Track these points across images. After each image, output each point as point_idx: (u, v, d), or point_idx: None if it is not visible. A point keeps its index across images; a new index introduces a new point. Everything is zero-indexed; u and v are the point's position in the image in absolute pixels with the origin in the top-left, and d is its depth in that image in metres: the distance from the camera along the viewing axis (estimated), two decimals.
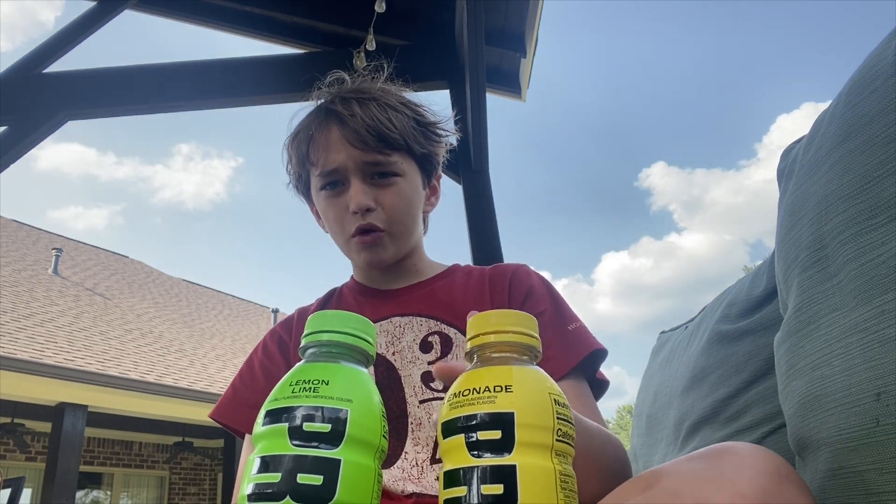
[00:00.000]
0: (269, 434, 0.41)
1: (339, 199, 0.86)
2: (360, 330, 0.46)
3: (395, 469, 0.78)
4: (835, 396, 0.55)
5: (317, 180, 0.88)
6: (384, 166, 0.86)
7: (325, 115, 0.88)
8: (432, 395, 0.81)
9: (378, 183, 0.86)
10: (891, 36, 0.59)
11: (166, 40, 41.26)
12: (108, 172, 35.17)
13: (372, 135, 0.84)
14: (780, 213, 0.71)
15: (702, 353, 1.05)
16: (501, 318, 0.45)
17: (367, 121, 0.84)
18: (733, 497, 0.41)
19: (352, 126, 0.84)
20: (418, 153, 0.90)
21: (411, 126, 0.89)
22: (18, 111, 2.50)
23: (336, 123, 0.86)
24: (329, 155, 0.86)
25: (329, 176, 0.87)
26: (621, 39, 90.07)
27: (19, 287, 8.24)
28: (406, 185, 0.88)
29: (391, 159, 0.86)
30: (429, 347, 0.85)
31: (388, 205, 0.86)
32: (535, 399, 0.41)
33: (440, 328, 0.86)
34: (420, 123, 0.91)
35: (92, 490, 8.65)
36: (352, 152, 0.85)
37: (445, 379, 0.49)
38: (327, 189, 0.88)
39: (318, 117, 0.89)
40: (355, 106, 0.86)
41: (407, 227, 0.89)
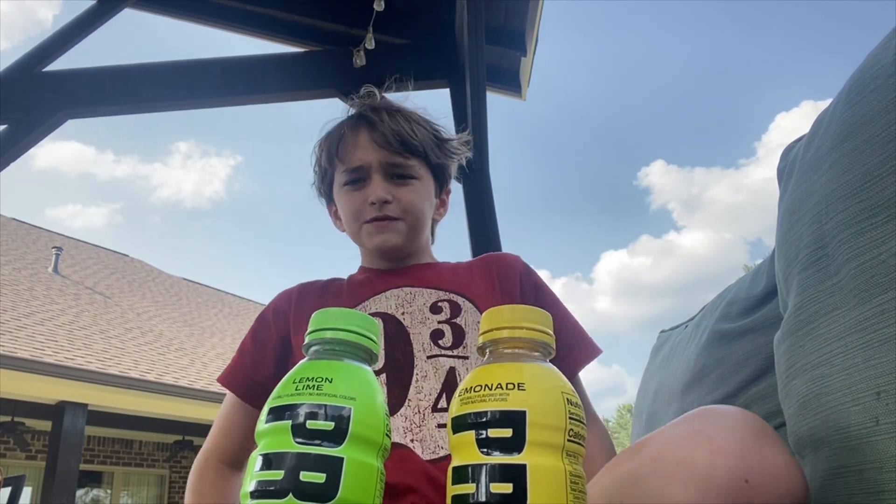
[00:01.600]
0: (272, 431, 0.41)
1: (360, 193, 0.96)
2: (363, 328, 0.46)
3: (397, 418, 0.82)
4: (835, 395, 0.55)
5: (341, 176, 0.98)
6: (403, 168, 0.97)
7: (356, 120, 1.00)
8: (440, 351, 0.88)
9: (396, 182, 0.96)
10: (891, 35, 0.59)
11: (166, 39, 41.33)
12: (106, 171, 35.17)
13: (396, 139, 0.95)
14: (780, 212, 0.71)
15: (701, 351, 1.05)
16: (514, 313, 0.45)
17: (394, 127, 0.96)
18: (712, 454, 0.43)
19: (380, 130, 0.96)
20: (434, 162, 1.00)
21: (430, 138, 1.00)
22: (18, 110, 2.50)
23: (366, 127, 0.97)
24: (356, 152, 0.96)
25: (354, 172, 0.96)
26: (621, 38, 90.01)
27: (19, 286, 8.24)
28: (421, 187, 0.98)
29: (410, 162, 0.97)
30: (438, 310, 0.92)
31: (404, 199, 0.95)
32: (547, 398, 0.41)
33: (449, 297, 0.94)
34: (438, 138, 1.02)
35: (92, 489, 8.65)
36: (377, 152, 0.95)
37: None
38: (350, 185, 0.97)
39: (350, 121, 1.00)
40: (384, 114, 0.98)
41: (418, 220, 0.98)
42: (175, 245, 47.45)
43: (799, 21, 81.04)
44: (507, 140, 77.86)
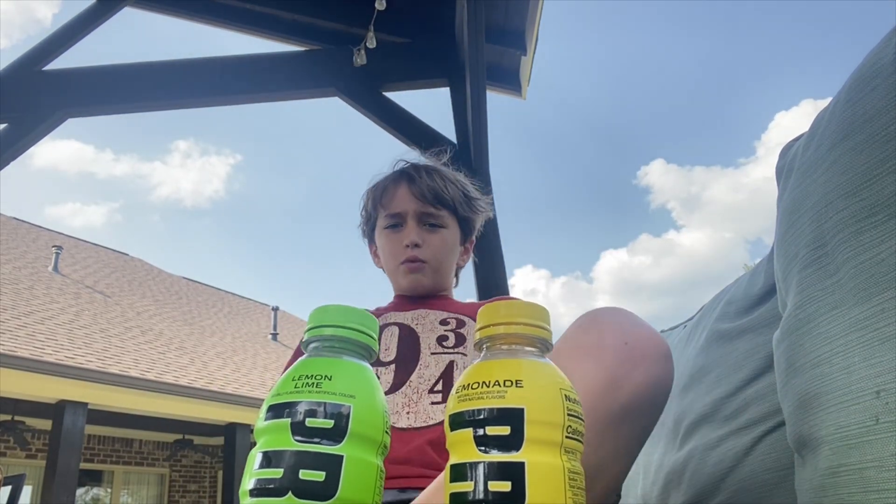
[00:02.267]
0: (271, 429, 0.41)
1: (397, 236, 1.14)
2: (362, 324, 0.46)
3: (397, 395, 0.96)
4: (834, 394, 0.55)
5: (383, 220, 1.17)
6: (434, 218, 1.15)
7: (399, 175, 1.19)
8: (443, 350, 1.03)
9: (428, 229, 1.15)
10: (891, 34, 0.59)
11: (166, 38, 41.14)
12: (105, 169, 35.12)
13: (431, 193, 1.14)
14: (779, 211, 0.71)
15: (700, 351, 1.05)
16: (511, 308, 0.44)
17: (430, 183, 1.14)
18: (601, 331, 0.58)
19: (418, 185, 1.14)
20: (461, 215, 1.19)
21: (460, 195, 1.18)
22: (18, 109, 2.50)
23: (406, 181, 1.16)
24: (396, 201, 1.15)
25: (394, 217, 1.15)
26: (621, 37, 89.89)
27: (19, 285, 8.24)
28: (448, 235, 1.17)
29: (440, 213, 1.15)
30: (446, 323, 1.09)
31: (433, 245, 1.14)
32: (545, 394, 0.40)
33: (456, 316, 1.10)
34: (466, 196, 1.20)
35: (92, 487, 8.65)
36: (414, 203, 1.14)
37: None
38: (390, 228, 1.16)
39: (393, 175, 1.19)
40: (423, 172, 1.17)
41: (443, 264, 1.15)
42: (175, 244, 47.46)
43: (799, 20, 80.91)
44: (507, 140, 77.70)
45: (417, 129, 2.69)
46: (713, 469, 0.88)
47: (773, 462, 0.79)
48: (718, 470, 0.86)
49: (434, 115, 2.73)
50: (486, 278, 2.44)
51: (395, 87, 2.75)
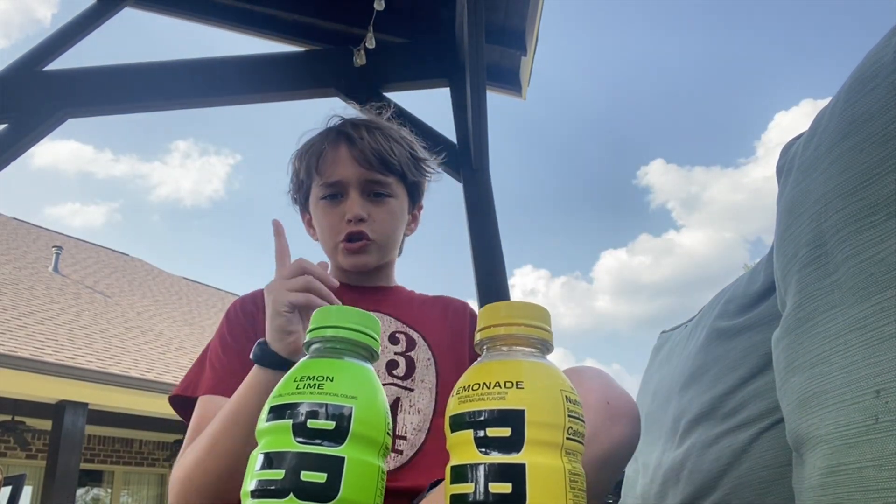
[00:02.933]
0: (272, 430, 0.41)
1: (336, 209, 0.99)
2: (364, 326, 0.46)
3: None
4: (834, 393, 0.55)
5: (319, 190, 1.00)
6: (381, 186, 1.00)
7: (336, 135, 1.01)
8: (392, 380, 0.92)
9: (373, 200, 0.99)
10: (891, 33, 0.59)
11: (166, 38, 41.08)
12: (104, 170, 35.14)
13: (375, 157, 0.98)
14: (779, 210, 0.71)
15: (700, 349, 1.05)
16: (512, 309, 0.44)
17: (373, 145, 0.98)
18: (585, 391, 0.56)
19: (360, 147, 0.98)
20: (409, 181, 1.04)
21: (407, 157, 1.03)
22: (18, 109, 2.50)
23: (346, 143, 0.99)
24: (336, 168, 0.99)
25: (332, 187, 0.99)
26: (620, 38, 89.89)
27: (20, 285, 8.24)
28: (396, 205, 1.02)
29: (387, 180, 1.00)
30: (396, 341, 0.97)
31: (379, 218, 0.99)
32: (546, 396, 0.40)
33: (406, 330, 0.99)
34: (414, 157, 1.05)
35: (92, 488, 8.65)
36: (356, 169, 0.98)
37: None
38: (327, 199, 1.00)
39: (329, 136, 1.02)
40: (364, 131, 1.00)
41: (391, 240, 1.02)
42: (174, 244, 47.49)
43: (798, 20, 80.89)
44: (507, 140, 77.74)
45: (417, 129, 2.68)
46: (711, 466, 0.88)
47: (770, 459, 0.79)
48: (716, 467, 0.87)
49: (434, 115, 2.73)
50: (485, 278, 2.44)
51: (395, 87, 2.75)
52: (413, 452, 0.88)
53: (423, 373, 0.95)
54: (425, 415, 0.92)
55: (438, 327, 1.02)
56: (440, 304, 1.08)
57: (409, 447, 0.88)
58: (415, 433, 0.89)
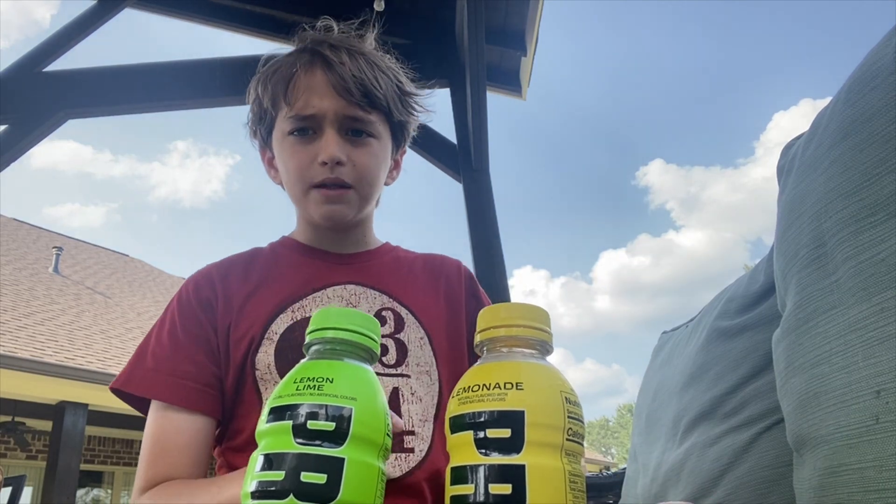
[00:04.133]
0: (272, 431, 0.41)
1: (308, 147, 0.83)
2: (365, 327, 0.46)
3: None
4: (834, 393, 0.55)
5: (286, 123, 0.84)
6: (362, 123, 0.84)
7: (310, 57, 0.85)
8: (384, 370, 0.82)
9: (352, 140, 0.84)
10: (891, 33, 0.59)
11: (166, 39, 41.17)
12: (103, 170, 35.23)
13: (358, 88, 0.82)
14: (779, 210, 0.71)
15: (700, 349, 1.05)
16: (511, 311, 0.44)
17: (356, 72, 0.82)
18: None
19: (339, 73, 0.82)
20: (395, 119, 0.88)
21: (394, 90, 0.88)
22: (18, 110, 2.50)
23: (323, 67, 0.83)
24: (310, 98, 0.82)
25: (304, 120, 0.83)
26: (620, 38, 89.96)
27: (20, 286, 8.24)
28: (379, 148, 0.86)
29: (371, 118, 0.84)
30: (383, 321, 0.85)
31: (360, 163, 0.84)
32: (545, 397, 0.40)
33: (393, 306, 0.86)
34: (402, 91, 0.90)
35: (92, 488, 8.65)
36: (335, 101, 0.82)
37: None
38: (296, 135, 0.84)
39: (302, 58, 0.85)
40: (345, 55, 0.84)
41: (373, 188, 0.87)
42: (174, 244, 47.50)
43: (797, 20, 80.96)
44: (507, 140, 77.74)
45: (417, 129, 2.69)
46: (711, 466, 0.88)
47: (771, 459, 0.79)
48: (717, 467, 0.87)
49: (434, 115, 2.73)
50: (485, 279, 2.44)
51: None
52: (426, 448, 0.81)
53: (416, 355, 0.84)
54: (427, 403, 0.83)
55: (431, 299, 0.90)
56: (431, 265, 0.95)
57: (420, 442, 0.81)
58: (421, 424, 0.81)
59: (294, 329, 0.83)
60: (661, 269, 72.43)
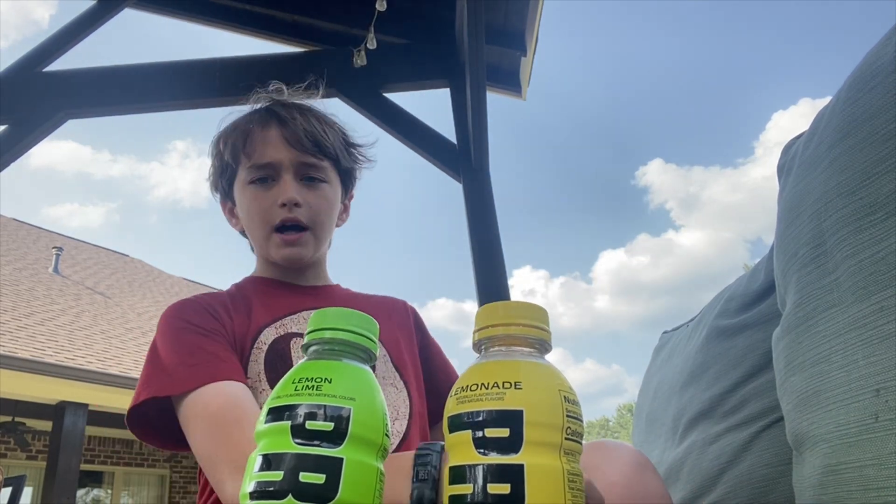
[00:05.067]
0: (271, 432, 0.41)
1: (268, 193, 0.92)
2: (363, 328, 0.46)
3: None
4: (834, 392, 0.55)
5: (247, 173, 0.93)
6: (315, 170, 0.94)
7: (265, 115, 0.96)
8: None
9: (307, 185, 0.94)
10: (891, 33, 0.59)
11: (166, 39, 41.15)
12: (102, 170, 35.32)
13: (309, 139, 0.93)
14: (779, 209, 0.71)
15: (700, 348, 1.05)
16: (510, 309, 0.44)
17: (306, 126, 0.93)
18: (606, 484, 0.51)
19: (292, 128, 0.92)
20: (343, 167, 0.99)
21: (340, 142, 0.98)
22: (18, 110, 2.50)
23: (277, 124, 0.93)
24: (266, 149, 0.92)
25: (262, 169, 0.92)
26: (619, 38, 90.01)
27: (20, 286, 8.24)
28: (330, 192, 0.96)
29: (322, 164, 0.95)
30: None
31: (315, 204, 0.93)
32: (544, 396, 0.40)
33: None
34: (347, 142, 1.01)
35: (93, 488, 8.65)
36: (289, 151, 0.92)
37: None
38: (256, 183, 0.93)
39: (257, 116, 0.96)
40: (296, 112, 0.95)
41: (326, 228, 0.96)
42: (173, 244, 47.56)
43: (797, 20, 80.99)
44: (508, 140, 77.76)
45: (417, 129, 2.70)
46: (711, 464, 0.88)
47: (771, 457, 0.79)
48: (717, 465, 0.87)
49: (434, 115, 2.73)
50: (485, 278, 2.45)
51: (396, 88, 2.76)
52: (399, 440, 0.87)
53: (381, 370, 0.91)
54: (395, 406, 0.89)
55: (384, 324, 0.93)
56: (383, 304, 1.06)
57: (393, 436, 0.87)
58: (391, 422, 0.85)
59: (279, 342, 0.89)
60: (661, 268, 72.49)
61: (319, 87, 1.04)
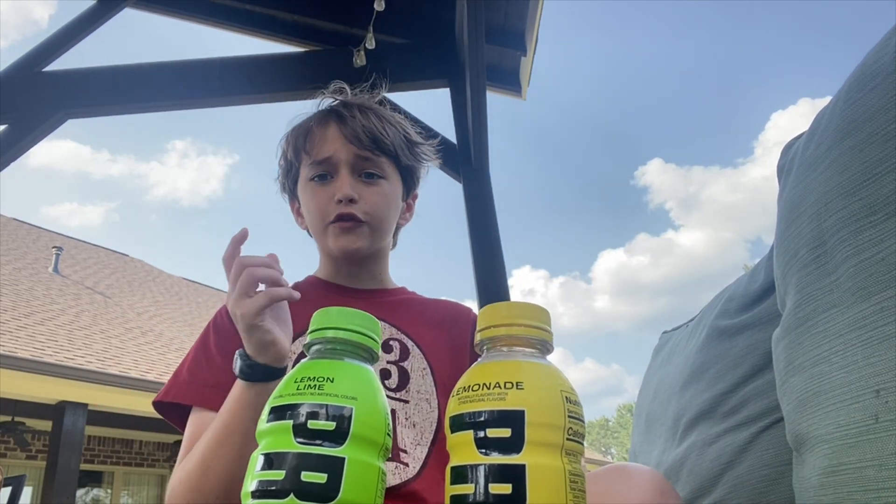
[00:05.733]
0: (273, 431, 0.41)
1: (326, 189, 0.93)
2: (365, 327, 0.46)
3: None
4: (834, 393, 0.55)
5: (307, 170, 0.95)
6: (373, 165, 0.94)
7: (326, 114, 0.97)
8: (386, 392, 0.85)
9: (364, 181, 0.94)
10: (891, 33, 0.59)
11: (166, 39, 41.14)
12: (101, 170, 35.32)
13: (367, 135, 0.93)
14: (779, 210, 0.72)
15: (700, 348, 1.05)
16: (512, 310, 0.44)
17: (364, 123, 0.94)
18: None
19: (350, 125, 0.93)
20: (403, 164, 0.99)
21: (401, 139, 0.98)
22: (18, 110, 2.50)
23: (335, 121, 0.95)
24: (324, 146, 0.94)
25: (321, 165, 0.94)
26: (619, 38, 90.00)
27: (20, 286, 8.24)
28: (389, 188, 0.96)
29: (379, 160, 0.95)
30: (389, 349, 0.92)
31: (371, 200, 0.93)
32: (546, 397, 0.40)
33: (401, 337, 0.93)
34: (409, 140, 1.00)
35: (92, 488, 8.65)
36: (346, 147, 0.93)
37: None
38: (316, 180, 0.94)
39: (319, 115, 0.98)
40: (356, 110, 0.95)
41: (384, 224, 0.96)
42: (173, 243, 47.55)
43: (796, 20, 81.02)
44: (507, 140, 77.75)
45: (417, 129, 2.69)
46: (711, 464, 0.88)
47: (771, 458, 0.79)
48: (716, 465, 0.87)
49: (434, 115, 2.73)
50: (485, 278, 2.45)
51: (395, 87, 2.75)
52: (419, 466, 0.84)
53: (418, 383, 0.90)
54: (421, 428, 0.87)
55: (435, 335, 0.96)
56: (442, 309, 1.03)
57: (413, 461, 0.84)
58: (413, 447, 0.85)
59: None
60: (661, 268, 72.50)
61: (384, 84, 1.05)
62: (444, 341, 0.96)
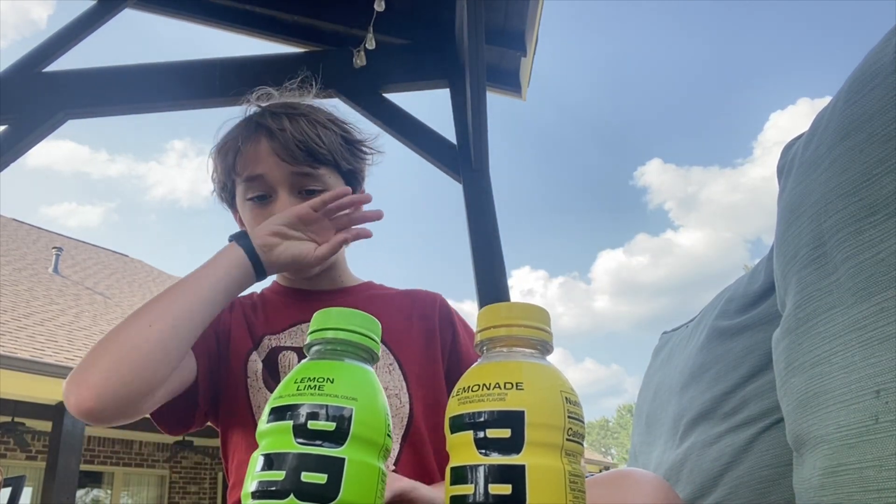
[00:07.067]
0: (273, 431, 0.41)
1: (265, 210, 0.88)
2: (365, 328, 0.46)
3: None
4: (834, 393, 0.55)
5: (243, 189, 0.90)
6: (312, 181, 0.89)
7: (254, 129, 0.90)
8: None
9: (306, 198, 0.87)
10: (891, 33, 0.59)
11: (166, 39, 41.13)
12: (100, 170, 35.34)
13: (301, 149, 0.87)
14: (779, 210, 0.71)
15: (700, 349, 1.05)
16: (512, 310, 0.44)
17: (297, 135, 0.87)
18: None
19: (281, 140, 0.87)
20: (345, 169, 0.93)
21: (339, 143, 0.91)
22: (18, 110, 2.50)
23: (265, 136, 0.88)
24: (258, 166, 0.87)
25: (256, 188, 0.88)
26: (618, 38, 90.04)
27: (19, 286, 8.23)
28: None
29: (319, 172, 0.89)
30: None
31: None
32: (546, 397, 0.40)
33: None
34: (347, 141, 0.94)
35: (92, 489, 8.65)
36: (281, 165, 0.87)
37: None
38: (255, 201, 0.89)
39: (246, 130, 0.90)
40: (285, 121, 0.88)
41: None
42: (172, 243, 47.55)
43: (795, 20, 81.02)
44: (508, 140, 77.73)
45: (417, 130, 2.70)
46: (711, 465, 0.88)
47: (771, 459, 0.79)
48: (716, 466, 0.87)
49: (434, 116, 2.73)
50: (485, 278, 2.44)
51: (395, 88, 2.75)
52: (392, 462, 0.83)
53: (385, 379, 0.87)
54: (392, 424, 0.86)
55: (404, 326, 0.93)
56: (408, 299, 0.99)
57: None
58: None
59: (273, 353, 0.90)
60: (660, 268, 72.52)
61: (313, 84, 0.98)
62: (415, 331, 0.93)
